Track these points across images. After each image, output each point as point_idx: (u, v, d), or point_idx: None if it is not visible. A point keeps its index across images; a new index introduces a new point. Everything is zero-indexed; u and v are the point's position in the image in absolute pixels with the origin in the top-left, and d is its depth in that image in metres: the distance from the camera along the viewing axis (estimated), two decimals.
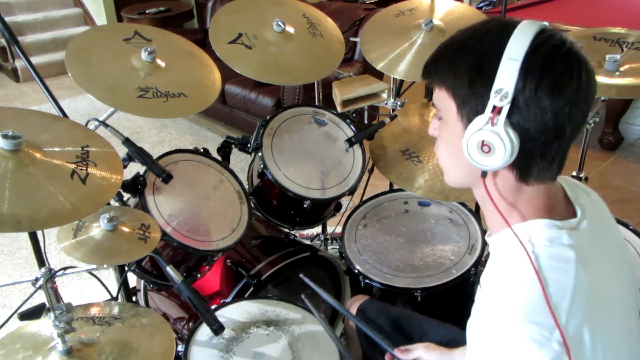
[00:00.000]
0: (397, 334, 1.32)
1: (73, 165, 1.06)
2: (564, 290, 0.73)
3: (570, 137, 0.77)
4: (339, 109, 1.81)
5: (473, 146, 0.77)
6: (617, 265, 0.85)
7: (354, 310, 1.41)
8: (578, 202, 0.85)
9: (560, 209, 0.83)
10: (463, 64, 0.79)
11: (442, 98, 0.82)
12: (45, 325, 1.15)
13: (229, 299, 1.48)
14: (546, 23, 0.76)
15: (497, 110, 0.74)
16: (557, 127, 0.74)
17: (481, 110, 0.76)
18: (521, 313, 0.71)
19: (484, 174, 0.80)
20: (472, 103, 0.77)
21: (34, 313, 1.22)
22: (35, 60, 4.80)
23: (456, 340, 1.23)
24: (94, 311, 1.23)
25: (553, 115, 0.73)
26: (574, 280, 0.74)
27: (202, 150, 1.61)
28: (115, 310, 1.25)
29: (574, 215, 0.83)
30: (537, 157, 0.77)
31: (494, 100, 0.74)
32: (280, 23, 1.68)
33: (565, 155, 0.79)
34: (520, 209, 0.81)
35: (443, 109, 0.83)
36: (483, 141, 0.76)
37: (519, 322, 0.71)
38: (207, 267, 1.52)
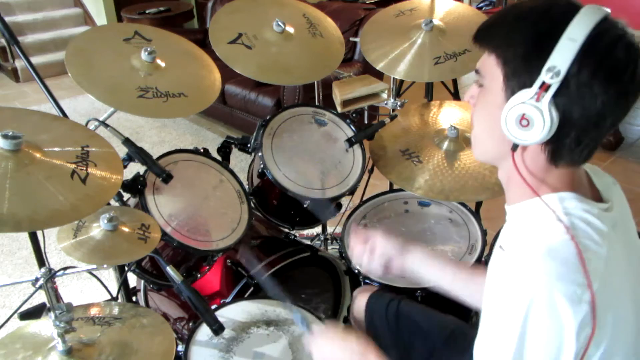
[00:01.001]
0: (408, 329, 1.31)
1: (73, 165, 1.06)
2: (598, 258, 0.74)
3: (609, 128, 0.77)
4: (339, 109, 1.81)
5: (512, 118, 0.76)
6: (636, 260, 0.85)
7: (363, 300, 1.40)
8: (606, 190, 0.86)
9: (586, 191, 0.83)
10: (521, 33, 0.77)
11: (490, 65, 0.80)
12: (45, 325, 1.15)
13: (229, 299, 1.48)
14: (609, 10, 0.76)
15: (545, 87, 0.73)
16: (600, 116, 0.74)
17: (529, 84, 0.75)
18: (556, 270, 0.71)
19: (514, 147, 0.80)
20: (521, 75, 0.76)
21: (34, 313, 1.22)
22: (35, 60, 4.80)
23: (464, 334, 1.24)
24: (94, 311, 1.23)
25: (601, 103, 0.73)
26: (607, 253, 0.75)
27: (202, 150, 1.61)
28: (115, 310, 1.25)
29: (601, 200, 0.83)
30: (572, 141, 0.77)
31: (544, 76, 0.73)
32: (280, 23, 1.68)
33: (597, 144, 0.79)
34: (549, 183, 0.81)
35: (488, 76, 0.82)
36: (523, 114, 0.75)
37: (554, 278, 0.71)
38: (207, 267, 1.52)
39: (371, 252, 1.21)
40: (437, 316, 1.32)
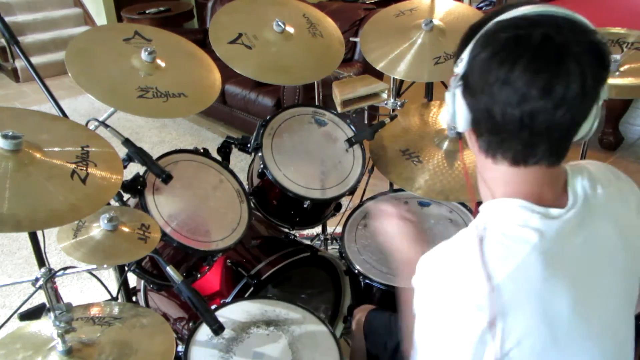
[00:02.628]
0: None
1: (73, 165, 1.06)
2: (502, 264, 0.75)
3: (505, 121, 0.76)
4: (339, 109, 1.81)
5: (449, 107, 0.85)
6: (611, 261, 0.83)
7: (362, 318, 1.40)
8: (574, 190, 0.83)
9: (549, 195, 0.81)
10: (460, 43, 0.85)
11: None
12: (45, 325, 1.15)
13: (229, 299, 1.48)
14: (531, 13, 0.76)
15: (454, 76, 0.81)
16: (488, 106, 0.77)
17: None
18: (457, 280, 0.76)
19: (458, 134, 0.87)
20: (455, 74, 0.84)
21: (34, 313, 1.22)
22: (35, 60, 4.80)
23: None
24: (94, 311, 1.23)
25: (483, 92, 0.77)
26: (521, 261, 0.75)
27: (202, 151, 1.61)
28: (115, 310, 1.24)
29: (563, 204, 0.81)
30: (485, 131, 0.81)
31: (456, 69, 0.81)
32: (280, 23, 1.68)
33: (529, 144, 0.78)
34: (496, 188, 0.84)
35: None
36: (446, 102, 0.85)
37: (454, 289, 0.76)
38: (207, 267, 1.52)
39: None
40: None
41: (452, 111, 0.83)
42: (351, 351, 1.51)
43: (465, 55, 0.79)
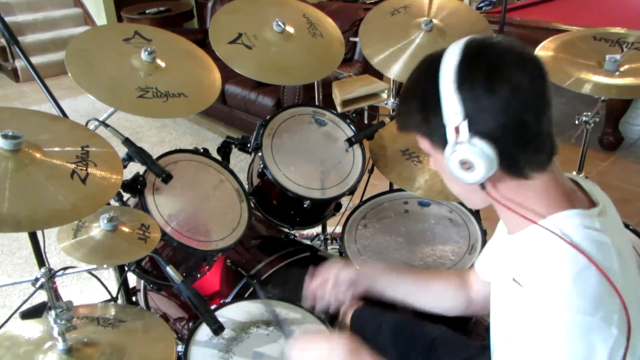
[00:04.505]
0: (393, 342, 1.30)
1: (73, 165, 1.06)
2: (616, 274, 0.74)
3: (538, 122, 0.79)
4: (339, 109, 1.81)
5: (457, 169, 0.81)
6: (632, 260, 0.86)
7: (348, 316, 1.40)
8: (593, 194, 0.87)
9: (580, 198, 0.85)
10: (415, 110, 0.85)
11: (420, 140, 0.89)
12: (47, 323, 1.15)
13: (228, 299, 1.48)
14: (470, 37, 0.81)
15: (457, 130, 0.79)
16: (515, 119, 0.77)
17: (446, 136, 0.81)
18: (584, 305, 0.72)
19: (482, 186, 0.83)
20: (437, 134, 0.82)
21: (35, 312, 1.22)
22: (35, 60, 4.80)
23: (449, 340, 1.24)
24: (95, 311, 1.23)
25: (502, 110, 0.77)
26: (618, 264, 0.76)
27: (202, 150, 1.61)
28: (116, 310, 1.25)
29: (594, 205, 0.84)
30: (517, 150, 0.79)
31: (449, 122, 0.79)
32: (280, 23, 1.68)
33: (547, 137, 0.81)
34: (537, 204, 0.82)
35: (425, 149, 0.89)
36: (461, 161, 0.80)
37: (583, 314, 0.72)
38: (207, 267, 1.52)
39: (333, 286, 1.21)
40: (420, 325, 1.30)
41: (473, 164, 0.79)
42: None
43: (453, 100, 0.77)
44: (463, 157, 0.79)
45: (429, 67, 0.82)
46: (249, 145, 1.65)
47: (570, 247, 0.75)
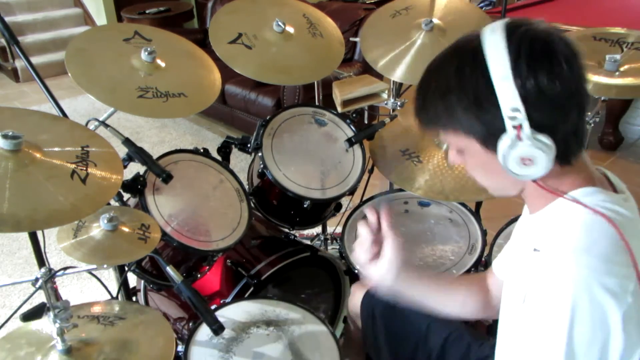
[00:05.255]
0: (398, 327, 1.30)
1: (73, 165, 1.06)
2: (635, 244, 0.75)
3: (584, 109, 0.79)
4: (339, 109, 1.81)
5: (515, 166, 0.78)
6: None
7: (359, 296, 1.38)
8: (620, 185, 0.88)
9: (605, 185, 0.86)
10: (458, 106, 0.78)
11: (455, 138, 0.83)
12: (46, 324, 1.15)
13: (229, 299, 1.48)
14: (504, 21, 0.78)
15: (519, 127, 0.75)
16: (569, 109, 0.77)
17: (502, 130, 0.76)
18: (599, 265, 0.72)
19: (534, 180, 0.81)
20: (491, 131, 0.78)
21: (35, 313, 1.22)
22: (35, 60, 4.80)
23: (462, 336, 1.23)
24: (95, 310, 1.23)
25: (558, 101, 0.75)
26: (638, 240, 0.76)
27: (202, 150, 1.61)
28: (116, 309, 1.25)
29: (617, 193, 0.86)
30: (570, 139, 0.78)
31: (510, 121, 0.75)
32: (280, 23, 1.68)
33: (583, 125, 0.81)
34: (568, 184, 0.83)
35: (461, 145, 0.84)
36: (521, 158, 0.76)
37: (597, 274, 0.72)
38: (207, 267, 1.52)
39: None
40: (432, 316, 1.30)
41: (534, 160, 0.77)
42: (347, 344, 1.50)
43: (514, 96, 0.73)
44: (524, 154, 0.76)
45: (469, 57, 0.77)
46: (249, 145, 1.65)
47: (593, 213, 0.76)
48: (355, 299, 1.39)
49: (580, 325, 0.72)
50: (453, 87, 0.79)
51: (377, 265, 1.02)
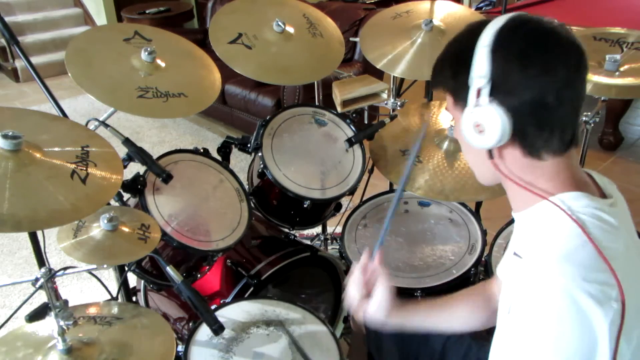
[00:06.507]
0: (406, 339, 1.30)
1: (73, 165, 1.06)
2: (617, 254, 0.74)
3: (560, 108, 0.79)
4: (339, 109, 1.81)
5: (469, 129, 0.83)
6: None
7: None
8: (606, 187, 0.87)
9: (592, 189, 0.85)
10: (446, 62, 0.88)
11: (447, 99, 0.90)
12: (46, 324, 1.15)
13: (229, 299, 1.48)
14: (523, 13, 0.81)
15: (479, 92, 0.80)
16: (538, 99, 0.78)
17: (468, 96, 0.82)
18: (576, 273, 0.72)
19: (490, 155, 0.84)
20: (461, 93, 0.83)
21: (40, 314, 1.22)
22: (35, 60, 4.80)
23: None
24: (95, 311, 1.23)
25: (527, 87, 0.78)
26: (624, 247, 0.76)
27: (202, 150, 1.61)
28: (116, 310, 1.25)
29: (605, 197, 0.85)
30: (533, 128, 0.80)
31: (474, 83, 0.80)
32: (280, 23, 1.68)
33: (568, 126, 0.81)
34: (546, 184, 0.83)
35: (449, 108, 0.90)
36: (475, 122, 0.81)
37: (576, 281, 0.72)
38: (207, 267, 1.52)
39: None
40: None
41: (485, 128, 0.80)
42: (349, 350, 1.51)
43: (483, 62, 0.78)
44: (477, 120, 0.81)
45: (472, 29, 0.83)
46: (249, 145, 1.65)
47: (573, 222, 0.76)
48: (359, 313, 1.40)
49: (567, 336, 0.72)
50: (449, 49, 0.88)
51: (368, 305, 1.09)
